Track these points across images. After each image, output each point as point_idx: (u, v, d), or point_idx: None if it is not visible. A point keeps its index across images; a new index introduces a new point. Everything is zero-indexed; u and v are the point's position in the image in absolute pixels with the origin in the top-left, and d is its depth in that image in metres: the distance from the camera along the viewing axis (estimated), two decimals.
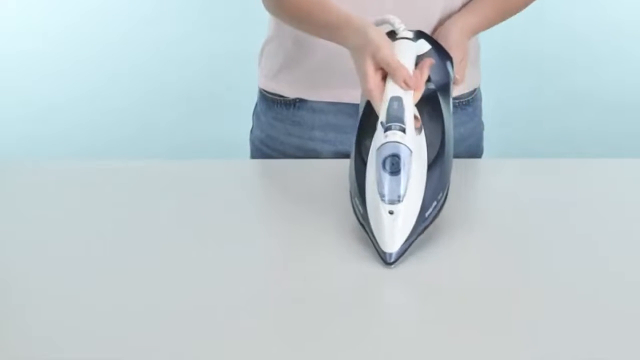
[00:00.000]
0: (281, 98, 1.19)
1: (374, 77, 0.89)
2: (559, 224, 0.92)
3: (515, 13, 1.16)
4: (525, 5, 1.16)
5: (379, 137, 0.83)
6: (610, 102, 3.43)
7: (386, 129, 0.83)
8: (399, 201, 0.80)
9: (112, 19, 3.80)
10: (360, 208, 0.84)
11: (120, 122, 3.39)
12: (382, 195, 0.80)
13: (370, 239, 0.82)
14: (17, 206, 0.98)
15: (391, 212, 0.80)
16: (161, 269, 0.81)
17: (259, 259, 0.85)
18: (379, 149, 0.82)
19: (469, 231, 0.89)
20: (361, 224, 0.84)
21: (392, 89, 0.86)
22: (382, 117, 0.84)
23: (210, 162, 1.14)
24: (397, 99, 0.85)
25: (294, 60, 1.15)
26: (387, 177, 0.80)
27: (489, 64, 1.23)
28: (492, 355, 0.67)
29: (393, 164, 0.81)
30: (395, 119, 0.83)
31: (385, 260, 0.79)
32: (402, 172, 0.80)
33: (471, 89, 1.20)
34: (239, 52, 1.28)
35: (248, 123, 1.29)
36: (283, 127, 1.18)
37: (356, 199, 0.85)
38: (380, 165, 0.81)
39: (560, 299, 0.75)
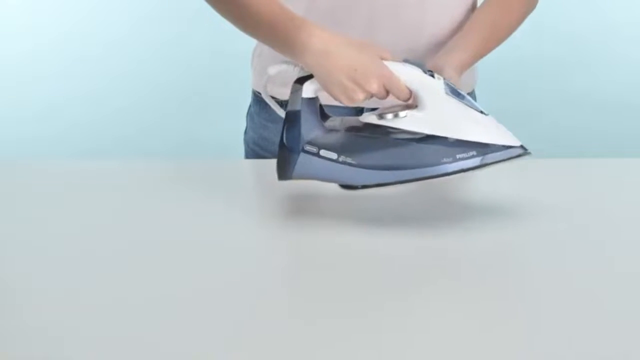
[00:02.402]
0: (274, 99, 1.19)
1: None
2: (558, 224, 0.92)
3: (507, 37, 1.15)
4: (514, 28, 1.15)
5: (433, 82, 0.89)
6: (609, 102, 3.43)
7: (431, 75, 0.89)
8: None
9: (111, 20, 3.81)
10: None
11: (118, 123, 3.39)
12: (481, 111, 0.88)
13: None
14: (17, 206, 0.98)
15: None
16: (159, 267, 0.82)
17: (255, 257, 0.85)
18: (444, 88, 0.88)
19: (468, 231, 0.89)
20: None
21: (394, 63, 0.91)
22: (419, 71, 0.89)
23: (204, 162, 1.15)
24: (407, 60, 0.91)
25: (285, 62, 1.15)
26: (468, 98, 0.89)
27: (485, 66, 1.23)
28: (492, 355, 0.67)
29: (459, 92, 0.89)
30: (426, 68, 0.90)
31: (525, 150, 0.88)
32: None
33: (467, 91, 1.20)
34: (235, 53, 1.28)
35: (243, 124, 1.29)
36: (276, 129, 1.18)
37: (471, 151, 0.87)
38: (456, 96, 0.88)
39: (560, 298, 0.75)
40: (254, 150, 1.24)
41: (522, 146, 0.88)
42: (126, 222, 0.93)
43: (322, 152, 0.89)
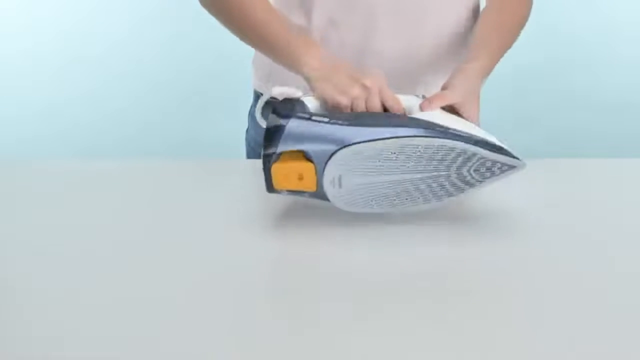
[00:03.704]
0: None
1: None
2: (558, 224, 0.92)
3: (513, 42, 1.15)
4: (518, 34, 1.16)
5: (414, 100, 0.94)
6: (609, 103, 3.44)
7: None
8: None
9: (112, 20, 3.81)
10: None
11: (118, 123, 3.39)
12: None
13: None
14: (17, 206, 0.98)
15: None
16: (159, 267, 0.82)
17: (255, 257, 0.85)
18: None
19: (468, 231, 0.89)
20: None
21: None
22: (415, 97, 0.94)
23: (205, 162, 1.14)
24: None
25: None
26: None
27: None
28: (491, 355, 0.67)
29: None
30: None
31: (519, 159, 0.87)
32: None
33: None
34: (235, 53, 1.28)
35: (244, 124, 1.29)
36: None
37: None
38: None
39: (559, 299, 0.75)
40: (255, 150, 1.24)
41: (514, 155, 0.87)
42: (126, 222, 0.93)
43: (314, 118, 0.87)
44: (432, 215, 0.92)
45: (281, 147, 0.86)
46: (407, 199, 0.87)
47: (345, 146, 0.84)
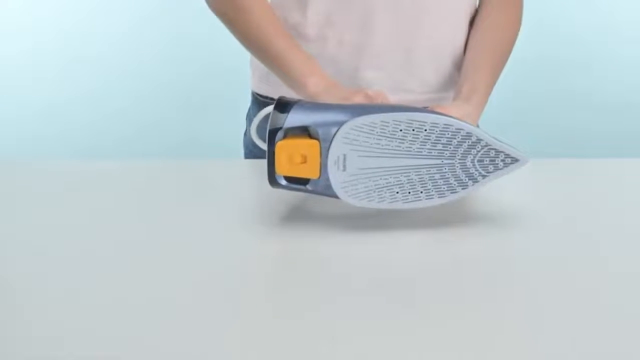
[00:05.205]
0: (272, 101, 1.19)
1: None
2: (558, 224, 0.92)
3: (507, 58, 1.18)
4: (511, 50, 1.19)
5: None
6: (609, 103, 3.44)
7: None
8: None
9: (111, 20, 3.81)
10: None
11: (118, 123, 3.39)
12: None
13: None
14: (17, 206, 0.98)
15: None
16: (159, 267, 0.81)
17: (255, 257, 0.85)
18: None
19: (468, 231, 0.89)
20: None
21: None
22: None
23: (204, 162, 1.14)
24: None
25: None
26: None
27: None
28: (492, 355, 0.67)
29: None
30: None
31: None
32: None
33: None
34: (235, 52, 1.29)
35: (243, 124, 1.29)
36: None
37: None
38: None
39: (559, 298, 0.75)
40: (252, 152, 1.24)
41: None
42: (126, 222, 0.93)
43: (321, 102, 0.90)
44: (432, 215, 0.92)
45: (288, 123, 0.86)
46: (409, 192, 0.87)
47: (352, 118, 0.84)
